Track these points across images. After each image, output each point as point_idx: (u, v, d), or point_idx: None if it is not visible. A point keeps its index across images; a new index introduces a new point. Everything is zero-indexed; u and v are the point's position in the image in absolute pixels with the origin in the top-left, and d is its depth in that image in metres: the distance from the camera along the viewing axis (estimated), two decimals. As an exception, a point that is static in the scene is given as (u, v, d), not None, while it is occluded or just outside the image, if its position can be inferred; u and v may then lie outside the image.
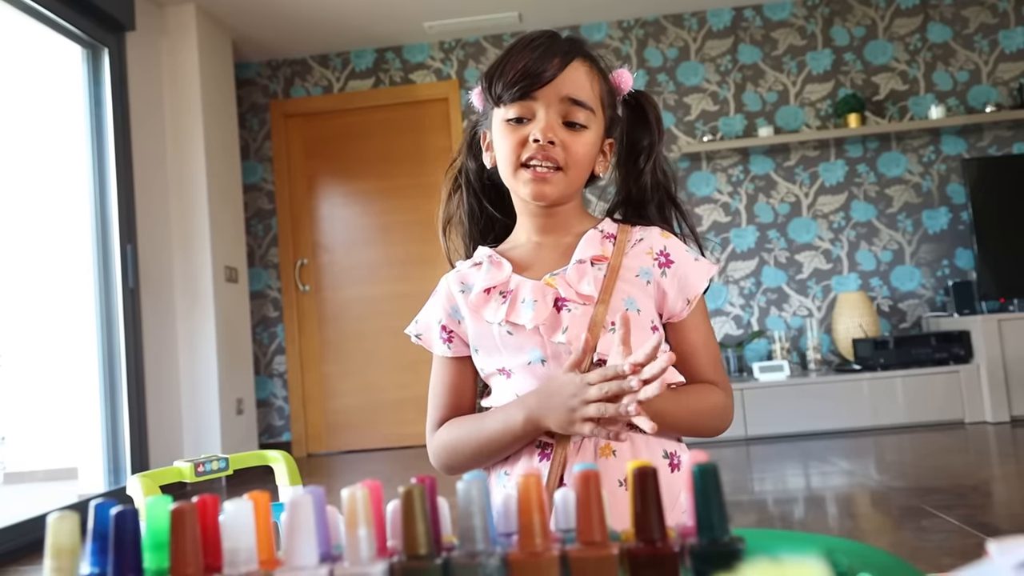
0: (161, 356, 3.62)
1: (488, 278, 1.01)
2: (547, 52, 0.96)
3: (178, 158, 3.85)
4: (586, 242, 1.01)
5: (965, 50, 4.39)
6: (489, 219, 1.14)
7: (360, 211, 4.65)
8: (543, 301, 0.97)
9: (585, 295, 0.97)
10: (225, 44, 4.24)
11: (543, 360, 0.98)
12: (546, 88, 0.96)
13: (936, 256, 4.32)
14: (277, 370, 4.57)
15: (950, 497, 2.33)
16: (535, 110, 0.97)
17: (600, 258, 1.00)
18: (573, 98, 0.97)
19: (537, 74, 0.95)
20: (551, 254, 1.04)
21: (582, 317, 0.96)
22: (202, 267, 3.80)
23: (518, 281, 1.01)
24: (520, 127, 0.98)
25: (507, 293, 1.00)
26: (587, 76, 1.00)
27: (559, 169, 0.97)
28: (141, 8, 3.67)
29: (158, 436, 3.52)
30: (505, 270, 1.02)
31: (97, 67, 3.47)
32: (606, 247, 1.01)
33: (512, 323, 0.98)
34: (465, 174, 1.14)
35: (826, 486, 2.79)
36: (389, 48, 4.66)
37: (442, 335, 1.07)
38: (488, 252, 1.06)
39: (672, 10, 4.50)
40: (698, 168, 4.45)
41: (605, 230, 1.04)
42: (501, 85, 0.97)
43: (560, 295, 0.97)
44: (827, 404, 3.75)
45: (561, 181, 0.98)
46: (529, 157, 0.97)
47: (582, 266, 0.99)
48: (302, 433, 4.50)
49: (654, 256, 1.01)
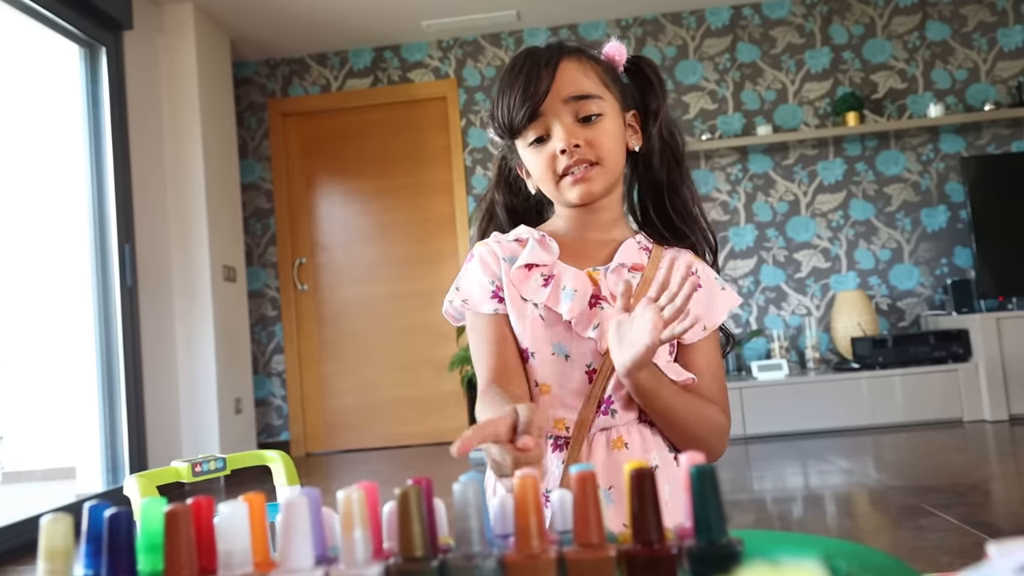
0: (159, 355, 3.61)
1: (534, 256, 1.01)
2: (532, 70, 0.98)
3: (176, 157, 3.84)
4: (626, 248, 1.04)
5: (964, 48, 4.39)
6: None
7: (358, 210, 4.64)
8: (582, 292, 0.98)
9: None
10: (223, 43, 4.23)
11: (567, 355, 0.98)
12: (547, 100, 0.97)
13: (935, 255, 4.33)
14: (275, 369, 4.56)
15: (949, 496, 2.33)
16: (548, 124, 0.99)
17: (638, 267, 1.02)
18: (576, 95, 0.98)
19: (532, 94, 0.97)
20: (591, 249, 1.05)
21: (612, 317, 0.96)
22: (200, 266, 3.79)
23: (562, 268, 1.01)
24: (543, 146, 1.00)
25: (549, 278, 1.00)
26: (579, 69, 1.00)
27: (595, 164, 0.99)
28: (139, 7, 3.66)
29: (156, 435, 3.51)
30: (553, 252, 1.02)
31: (95, 66, 3.46)
32: (643, 257, 1.04)
33: (549, 308, 0.99)
34: (490, 206, 1.16)
35: (824, 485, 2.79)
36: (387, 47, 4.65)
37: (492, 294, 1.03)
38: (536, 232, 1.05)
39: (670, 8, 4.49)
40: (696, 167, 4.44)
41: (642, 242, 1.06)
42: (507, 120, 1.00)
43: (599, 291, 0.99)
44: (826, 403, 3.75)
45: (601, 174, 1.00)
46: (565, 168, 0.99)
47: (622, 270, 1.01)
48: (300, 432, 4.50)
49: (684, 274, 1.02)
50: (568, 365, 0.98)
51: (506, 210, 1.14)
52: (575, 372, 0.98)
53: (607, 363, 0.96)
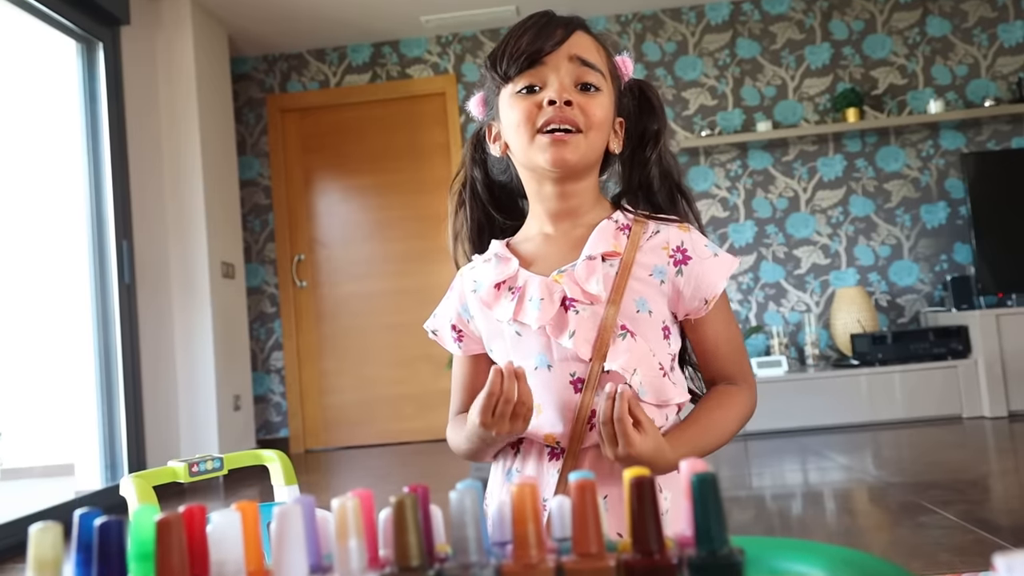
0: (158, 352, 3.60)
1: (497, 273, 0.99)
2: (548, 24, 0.95)
3: (174, 153, 3.83)
4: (598, 235, 0.96)
5: (964, 44, 4.37)
6: (500, 229, 1.11)
7: (357, 206, 4.63)
8: (549, 299, 0.93)
9: (592, 295, 0.93)
10: (221, 38, 4.21)
11: (549, 365, 0.95)
12: (554, 53, 0.94)
13: (934, 251, 4.32)
14: (274, 366, 4.56)
15: (948, 493, 2.33)
16: (545, 76, 0.94)
17: (612, 254, 0.95)
18: (583, 58, 0.95)
19: (541, 39, 0.94)
20: (561, 247, 0.99)
21: (590, 319, 0.93)
22: (198, 263, 3.78)
23: (526, 277, 0.97)
24: (531, 96, 0.94)
25: (516, 289, 0.97)
26: (592, 44, 0.98)
27: (578, 132, 0.93)
28: (136, 2, 3.65)
29: (155, 432, 3.51)
30: (512, 265, 0.99)
31: (92, 62, 3.45)
32: (619, 241, 0.96)
33: (520, 322, 0.95)
34: (471, 186, 1.11)
35: (824, 482, 2.79)
36: (386, 42, 4.64)
37: (452, 334, 1.06)
38: (499, 248, 1.03)
39: (670, 4, 4.48)
40: (696, 163, 4.43)
41: (620, 221, 0.98)
42: (506, 60, 0.95)
43: (567, 294, 0.94)
44: (825, 400, 3.75)
45: (581, 144, 0.93)
46: (546, 122, 0.92)
47: (592, 263, 0.94)
48: (299, 429, 4.50)
49: (670, 252, 0.95)
50: (553, 376, 0.94)
51: (487, 189, 1.09)
52: (560, 383, 0.94)
53: (593, 373, 0.92)
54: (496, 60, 0.96)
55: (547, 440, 0.94)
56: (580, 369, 0.93)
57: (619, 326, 0.93)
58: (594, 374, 0.92)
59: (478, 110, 1.07)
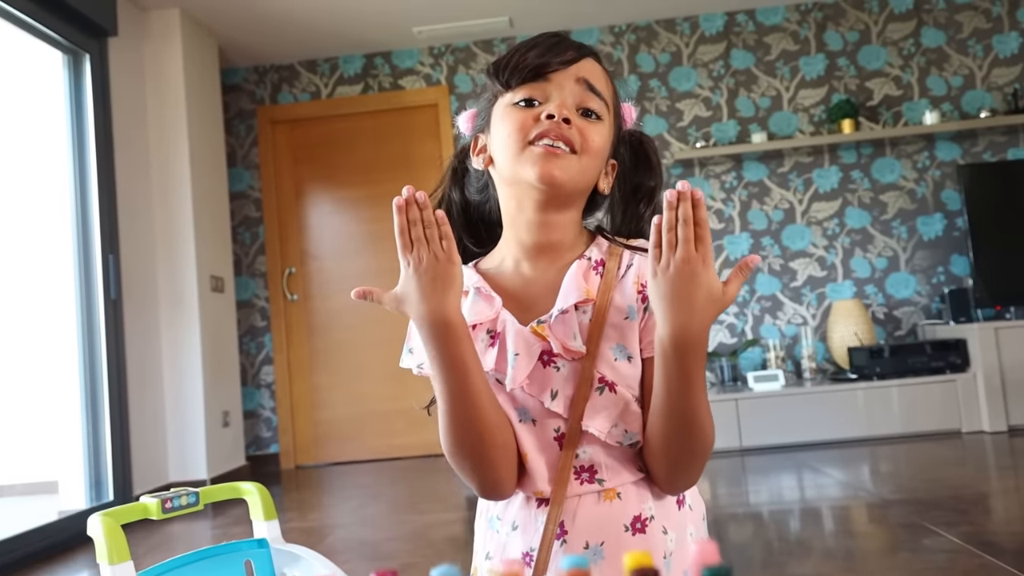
0: (145, 368, 3.54)
1: (475, 312, 0.91)
2: (560, 44, 0.91)
3: (162, 166, 3.77)
4: (570, 280, 0.89)
5: (959, 55, 4.36)
6: (471, 256, 1.04)
7: (349, 219, 4.58)
8: (527, 354, 0.87)
9: (574, 350, 0.86)
10: (211, 49, 4.17)
11: (533, 420, 0.88)
12: (561, 71, 0.88)
13: (931, 263, 4.29)
14: (264, 380, 4.49)
15: (951, 514, 2.28)
16: (548, 92, 0.88)
17: (585, 302, 0.88)
18: (590, 82, 0.89)
19: (551, 55, 0.89)
20: (538, 289, 0.92)
21: (569, 375, 0.87)
22: (187, 277, 3.72)
23: (506, 320, 0.90)
24: (530, 108, 0.88)
25: (495, 335, 0.90)
26: (602, 73, 0.93)
27: (574, 152, 0.87)
28: (124, 13, 3.60)
29: (141, 449, 3.44)
30: (495, 305, 0.91)
31: (79, 73, 3.39)
32: (592, 282, 0.90)
33: (502, 372, 0.88)
34: (447, 207, 1.04)
35: (822, 498, 2.74)
36: (378, 53, 4.60)
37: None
38: (476, 279, 0.94)
39: (664, 15, 4.45)
40: (691, 174, 4.40)
41: (593, 258, 0.92)
42: (510, 69, 0.89)
43: (550, 348, 0.87)
44: (823, 414, 3.70)
45: (574, 165, 0.86)
46: (540, 134, 0.86)
47: (566, 316, 0.87)
48: (290, 445, 4.43)
49: (639, 287, 0.89)
50: (537, 430, 0.88)
51: (462, 211, 1.02)
52: (545, 439, 0.88)
53: (572, 431, 0.86)
54: (500, 68, 0.91)
55: (536, 494, 0.88)
56: (564, 425, 0.87)
57: (597, 378, 0.86)
58: (573, 432, 0.86)
59: (467, 126, 1.01)
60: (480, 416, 0.84)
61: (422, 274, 0.82)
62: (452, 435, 0.85)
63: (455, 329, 0.82)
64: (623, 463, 0.87)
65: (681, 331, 0.77)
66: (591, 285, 0.89)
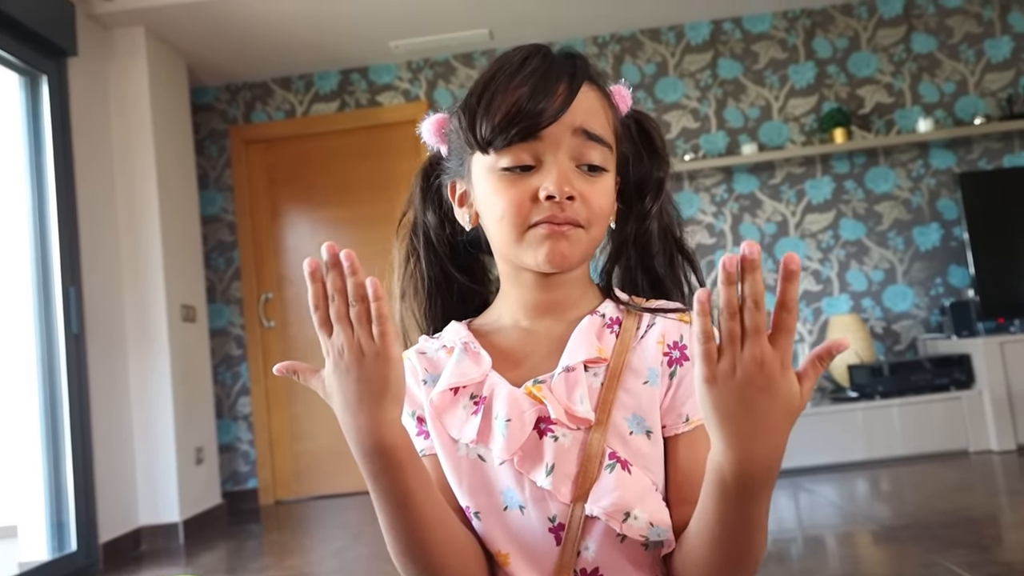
0: (111, 405, 3.34)
1: (457, 373, 0.76)
2: (548, 76, 0.72)
3: (128, 191, 3.59)
4: (580, 336, 0.75)
5: (951, 61, 4.25)
6: (459, 291, 0.87)
7: (328, 240, 4.40)
8: (519, 421, 0.71)
9: (580, 417, 0.71)
10: (179, 68, 3.99)
11: (522, 507, 0.72)
12: (555, 124, 0.71)
13: (928, 274, 4.16)
14: (241, 412, 4.30)
15: (971, 551, 2.12)
16: (541, 153, 0.72)
17: (596, 360, 0.74)
18: (588, 131, 0.73)
19: (539, 109, 0.70)
20: (540, 347, 0.78)
21: (571, 448, 0.71)
22: (155, 307, 3.53)
23: (495, 382, 0.75)
24: (522, 178, 0.73)
25: (480, 400, 0.74)
26: (600, 103, 0.76)
27: (580, 226, 0.74)
28: (85, 32, 3.43)
29: (107, 492, 3.24)
30: (483, 365, 0.76)
31: (36, 96, 3.22)
32: (606, 341, 0.75)
33: (486, 444, 0.73)
34: (424, 233, 0.88)
35: (825, 525, 2.58)
36: (354, 69, 4.44)
37: (415, 425, 0.80)
38: (464, 335, 0.80)
39: (649, 24, 4.33)
40: (680, 188, 4.26)
41: (607, 315, 0.78)
42: (489, 126, 0.71)
43: (547, 413, 0.71)
44: (821, 435, 3.55)
45: (583, 240, 0.74)
46: (542, 220, 0.72)
47: (572, 375, 0.72)
48: (269, 479, 4.23)
49: (666, 349, 0.74)
50: (526, 520, 0.72)
51: (444, 241, 0.86)
52: (537, 531, 0.71)
53: (574, 518, 0.70)
54: (475, 120, 0.72)
55: None
56: (562, 512, 0.71)
57: (607, 454, 0.71)
58: (575, 520, 0.70)
59: (433, 138, 0.84)
60: (432, 549, 0.68)
61: (343, 373, 0.65)
62: (398, 559, 0.70)
63: (393, 454, 0.65)
64: (639, 568, 0.71)
65: (750, 461, 0.58)
66: (605, 344, 0.75)
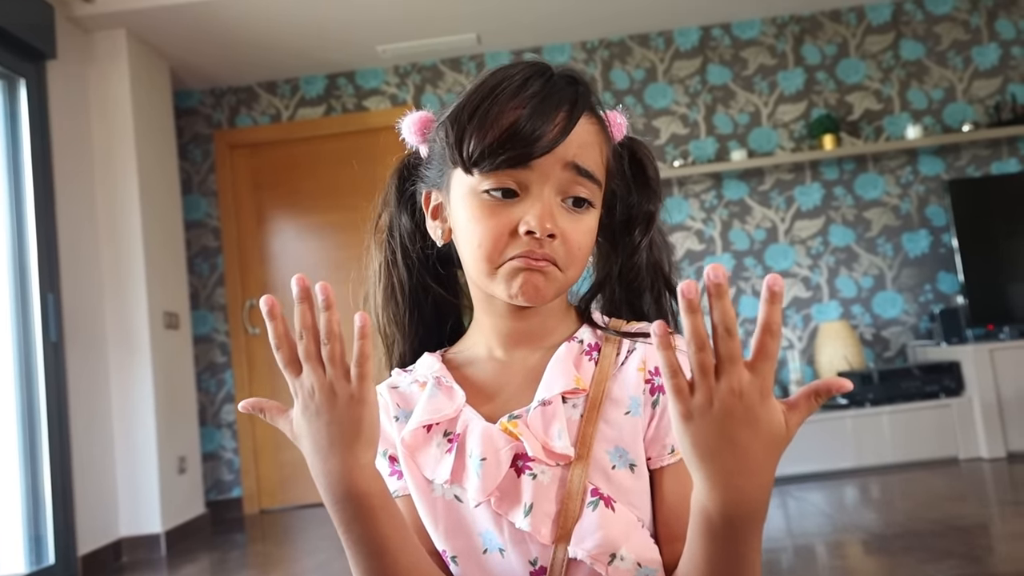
0: (91, 416, 3.28)
1: (430, 409, 0.72)
2: (547, 101, 0.66)
3: (109, 196, 3.53)
4: (556, 366, 0.71)
5: (939, 67, 4.25)
6: (434, 301, 0.83)
7: (314, 246, 4.36)
8: (494, 459, 0.67)
9: (558, 453, 0.67)
10: (162, 71, 3.94)
11: (501, 549, 0.68)
12: (547, 155, 0.67)
13: (918, 281, 4.15)
14: (226, 420, 4.23)
15: (964, 562, 2.10)
16: (528, 183, 0.68)
17: (574, 392, 0.70)
18: (580, 166, 0.69)
19: (534, 138, 0.65)
20: (516, 377, 0.74)
21: (550, 486, 0.67)
22: (137, 314, 3.47)
23: (469, 418, 0.71)
24: (503, 206, 0.68)
25: (454, 437, 0.71)
26: (596, 136, 0.72)
27: (556, 265, 0.70)
28: (65, 34, 3.37)
29: (87, 504, 3.17)
30: (456, 400, 0.72)
31: (13, 99, 3.15)
32: (584, 370, 0.71)
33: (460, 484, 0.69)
34: (400, 237, 0.84)
35: (813, 535, 2.55)
36: (341, 74, 4.40)
37: (391, 469, 0.76)
38: (437, 368, 0.76)
39: (638, 30, 4.30)
40: (669, 194, 4.23)
41: (586, 341, 0.74)
42: (478, 147, 0.66)
43: (524, 450, 0.67)
44: (810, 443, 3.53)
45: (558, 279, 0.70)
46: (518, 255, 0.68)
47: (548, 408, 0.68)
48: (254, 488, 4.17)
49: (647, 376, 0.71)
50: (506, 564, 0.68)
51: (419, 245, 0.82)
52: (518, 575, 0.68)
53: (556, 561, 0.66)
54: (464, 137, 0.67)
55: None
56: (543, 554, 0.67)
57: (589, 491, 0.67)
58: (557, 563, 0.66)
59: (414, 137, 0.81)
60: None
61: (313, 416, 0.61)
62: None
63: (366, 500, 0.61)
64: None
65: (736, 500, 0.54)
66: (583, 373, 0.71)
